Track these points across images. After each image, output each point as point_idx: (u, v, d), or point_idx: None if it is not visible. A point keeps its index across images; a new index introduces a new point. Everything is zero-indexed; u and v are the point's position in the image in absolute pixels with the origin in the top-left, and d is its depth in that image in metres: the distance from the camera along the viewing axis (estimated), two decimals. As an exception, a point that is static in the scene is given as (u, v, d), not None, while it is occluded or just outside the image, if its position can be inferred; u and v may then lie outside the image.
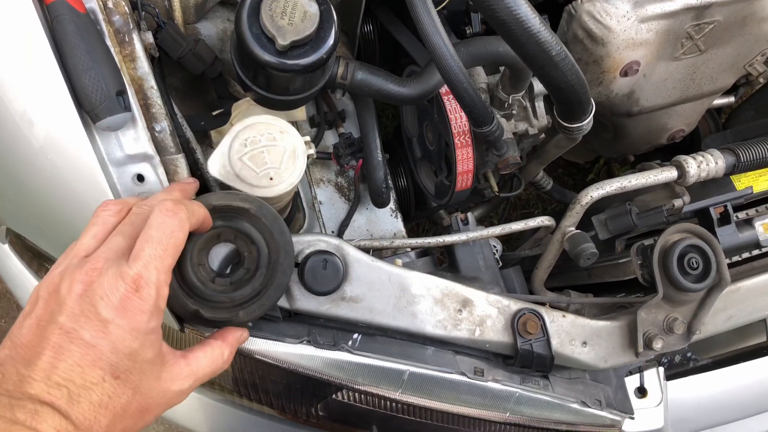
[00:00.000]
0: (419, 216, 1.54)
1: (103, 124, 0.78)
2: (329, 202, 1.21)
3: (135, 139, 0.81)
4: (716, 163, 0.96)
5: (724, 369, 1.19)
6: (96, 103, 0.77)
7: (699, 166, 0.95)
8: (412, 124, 1.38)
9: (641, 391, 1.06)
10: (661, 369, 1.08)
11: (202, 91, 1.09)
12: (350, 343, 0.87)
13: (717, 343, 1.30)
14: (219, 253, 0.79)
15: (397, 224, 1.22)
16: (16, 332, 0.58)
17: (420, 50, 1.18)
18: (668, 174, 0.96)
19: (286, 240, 0.77)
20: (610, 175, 2.18)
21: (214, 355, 0.70)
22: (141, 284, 0.59)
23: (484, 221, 1.66)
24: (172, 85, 1.07)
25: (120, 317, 0.58)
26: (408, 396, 0.89)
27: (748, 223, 1.01)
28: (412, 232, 1.98)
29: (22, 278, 1.18)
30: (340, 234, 1.19)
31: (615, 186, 0.96)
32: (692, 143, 1.65)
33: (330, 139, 1.22)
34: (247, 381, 0.92)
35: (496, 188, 1.19)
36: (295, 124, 1.17)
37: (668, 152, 1.59)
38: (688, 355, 1.21)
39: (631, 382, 1.06)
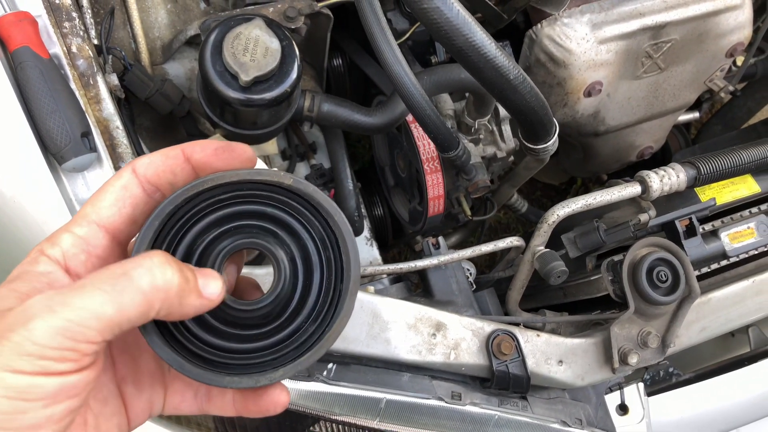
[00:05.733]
0: (397, 243, 1.55)
1: (69, 166, 0.79)
2: (304, 234, 1.21)
3: (101, 179, 0.81)
4: (678, 176, 0.97)
5: (705, 381, 1.19)
6: (61, 145, 0.78)
7: (661, 180, 0.97)
8: (383, 153, 1.40)
9: (623, 408, 1.06)
10: (641, 385, 1.07)
11: (172, 130, 1.10)
12: (325, 373, 0.87)
13: (701, 358, 1.30)
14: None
15: (373, 252, 1.23)
16: None
17: (386, 81, 1.20)
18: (632, 189, 0.98)
19: (350, 233, 0.52)
20: (589, 194, 2.20)
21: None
22: None
23: (462, 246, 1.67)
24: (142, 125, 1.08)
25: None
26: (386, 424, 0.89)
27: (714, 234, 1.03)
28: (393, 260, 1.98)
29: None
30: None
31: (580, 204, 0.97)
32: (663, 159, 1.69)
33: (302, 170, 1.24)
34: (224, 417, 0.91)
35: (468, 212, 1.20)
36: (267, 157, 1.18)
37: (640, 170, 1.62)
38: (670, 370, 1.21)
39: (612, 400, 1.06)
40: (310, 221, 0.52)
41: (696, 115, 1.62)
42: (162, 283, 0.43)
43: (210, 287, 0.47)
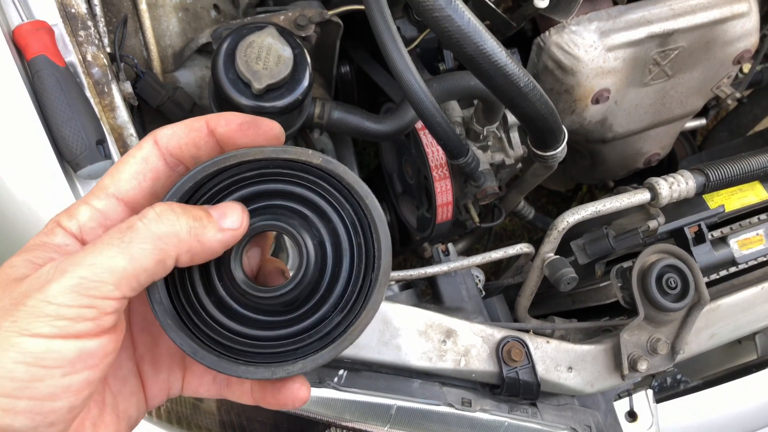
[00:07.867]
0: (404, 250, 1.56)
1: (84, 173, 0.80)
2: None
3: (115, 186, 0.82)
4: (687, 183, 0.98)
5: (714, 388, 1.19)
6: (77, 152, 0.79)
7: (670, 187, 0.98)
8: (391, 160, 1.40)
9: (631, 415, 1.06)
10: (650, 392, 1.08)
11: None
12: (336, 379, 0.87)
13: (708, 365, 1.30)
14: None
15: (382, 259, 1.23)
16: None
17: (395, 88, 1.21)
18: (641, 196, 0.99)
19: (383, 218, 0.49)
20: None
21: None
22: None
23: (469, 253, 1.68)
24: (153, 132, 1.09)
25: None
26: (397, 430, 0.89)
27: (723, 241, 1.03)
28: (398, 267, 1.98)
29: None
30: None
31: (590, 210, 0.97)
32: (669, 166, 1.69)
33: (311, 177, 1.24)
34: (234, 423, 0.91)
35: (477, 219, 1.21)
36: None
37: (647, 176, 1.62)
38: (678, 377, 1.21)
39: (621, 406, 1.06)
40: (341, 203, 0.49)
41: (702, 122, 1.62)
42: (169, 227, 0.42)
43: (227, 220, 0.45)
